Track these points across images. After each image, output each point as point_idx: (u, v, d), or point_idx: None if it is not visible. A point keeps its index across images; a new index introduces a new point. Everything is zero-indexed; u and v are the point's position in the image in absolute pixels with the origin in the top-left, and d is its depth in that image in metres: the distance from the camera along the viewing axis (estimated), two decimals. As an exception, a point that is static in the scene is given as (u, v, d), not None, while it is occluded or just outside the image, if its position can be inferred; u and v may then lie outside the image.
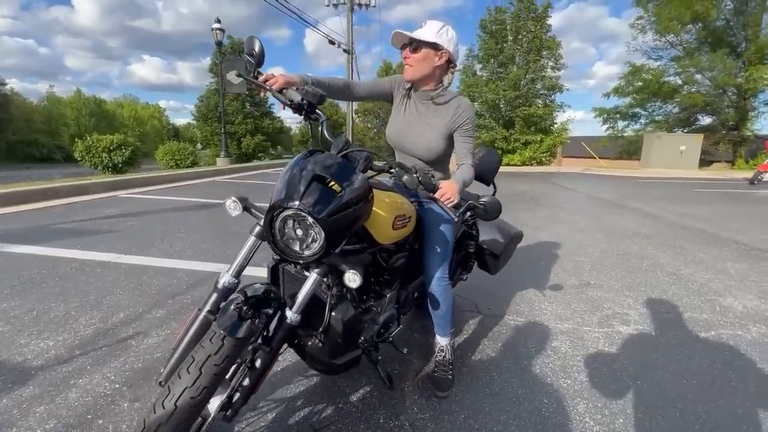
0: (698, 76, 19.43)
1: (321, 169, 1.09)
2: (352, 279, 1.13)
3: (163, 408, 0.86)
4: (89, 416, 1.40)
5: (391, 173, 1.24)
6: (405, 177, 1.20)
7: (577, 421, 1.45)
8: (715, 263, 3.41)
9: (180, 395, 0.87)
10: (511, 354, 1.91)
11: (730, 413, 1.50)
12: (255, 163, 16.37)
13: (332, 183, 1.08)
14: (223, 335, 0.94)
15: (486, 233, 2.12)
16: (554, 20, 19.53)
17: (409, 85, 1.57)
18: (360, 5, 18.82)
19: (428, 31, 1.41)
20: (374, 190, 1.30)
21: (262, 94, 1.37)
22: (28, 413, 1.40)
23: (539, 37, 17.93)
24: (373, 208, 1.25)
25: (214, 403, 1.07)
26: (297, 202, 1.04)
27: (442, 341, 1.73)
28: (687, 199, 7.70)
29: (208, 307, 1.15)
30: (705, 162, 18.91)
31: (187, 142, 14.56)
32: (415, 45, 1.43)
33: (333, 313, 1.25)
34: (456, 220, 1.31)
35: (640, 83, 20.81)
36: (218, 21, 11.83)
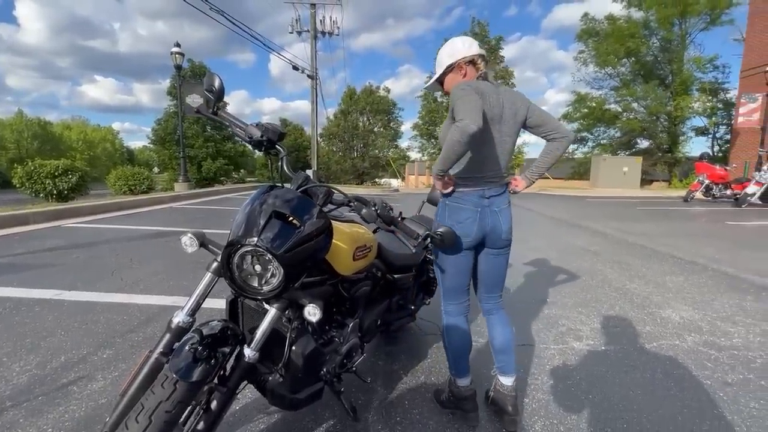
0: (635, 105, 21.49)
1: (280, 205, 1.11)
2: (313, 313, 1.14)
3: (108, 462, 0.81)
4: (21, 476, 1.27)
5: (350, 207, 1.28)
6: (364, 210, 1.25)
7: (535, 440, 1.50)
8: (656, 277, 3.70)
9: (127, 447, 0.83)
10: (473, 376, 1.94)
11: (670, 421, 1.62)
12: (216, 187, 15.88)
13: (291, 218, 1.10)
14: (176, 379, 0.91)
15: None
16: (508, 51, 21.12)
17: None
18: (323, 33, 19.30)
19: (437, 68, 1.56)
20: (335, 223, 1.33)
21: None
22: (-54, 479, 1.25)
23: (492, 67, 19.19)
24: (334, 240, 1.28)
25: (165, 451, 1.01)
26: (255, 239, 1.05)
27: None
28: (631, 217, 8.33)
29: (160, 349, 1.10)
30: (646, 181, 20.65)
31: (142, 166, 13.92)
32: (441, 84, 1.59)
33: (293, 347, 1.24)
34: (414, 250, 1.37)
35: (585, 110, 22.68)
36: (178, 45, 11.66)
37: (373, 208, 1.25)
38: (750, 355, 2.19)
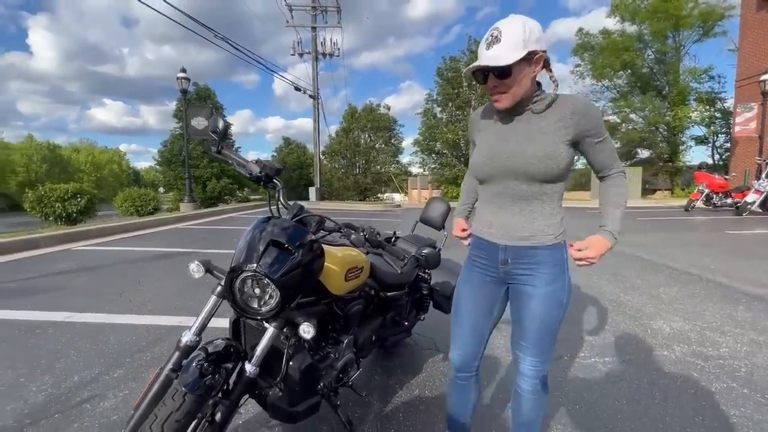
0: (633, 116, 21.73)
1: (277, 234, 1.24)
2: (307, 330, 1.25)
3: (125, 466, 0.93)
4: (41, 489, 1.37)
5: (341, 233, 1.41)
6: (353, 236, 1.38)
7: (521, 449, 1.58)
8: (650, 289, 3.77)
9: (142, 453, 0.94)
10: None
11: (652, 429, 1.69)
12: (220, 207, 16.12)
13: (287, 245, 1.23)
14: (185, 392, 1.03)
15: (437, 275, 2.31)
16: (503, 68, 21.49)
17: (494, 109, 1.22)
18: (324, 55, 19.85)
19: (512, 44, 1.03)
20: (327, 247, 1.46)
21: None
22: (-27, 492, 1.36)
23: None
24: (326, 263, 1.41)
25: (174, 460, 1.12)
26: (255, 265, 1.18)
27: None
28: (630, 228, 8.38)
29: (170, 365, 1.22)
30: (649, 191, 20.71)
31: (148, 187, 14.23)
32: (504, 69, 1.06)
33: (291, 363, 1.35)
34: (400, 272, 1.48)
35: (584, 122, 22.91)
36: (184, 70, 12.07)
37: (362, 234, 1.38)
38: (735, 364, 2.26)
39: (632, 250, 5.74)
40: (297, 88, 18.06)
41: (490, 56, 1.05)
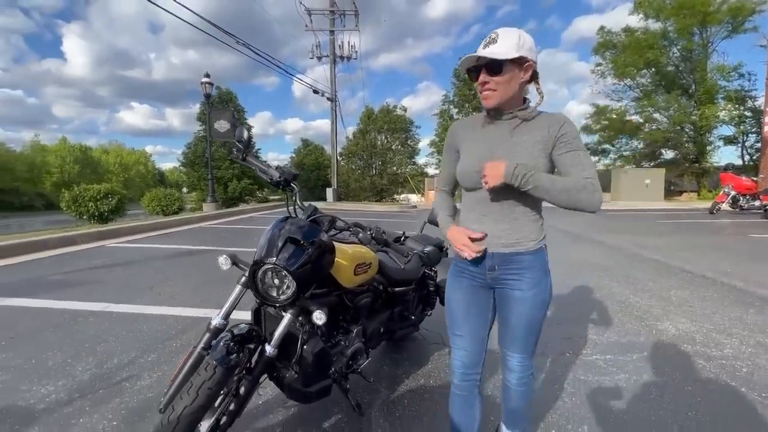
0: (656, 115, 21.14)
1: (294, 231, 1.42)
2: (319, 317, 1.42)
3: (168, 421, 1.12)
4: (91, 450, 1.58)
5: (350, 231, 1.57)
6: (360, 234, 1.54)
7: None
8: (661, 291, 3.78)
9: (182, 411, 1.13)
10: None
11: (645, 421, 1.78)
12: (240, 207, 16.62)
13: (302, 242, 1.40)
14: (215, 365, 1.21)
15: (444, 273, 2.44)
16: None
17: (483, 113, 1.30)
18: (342, 57, 20.16)
19: (507, 46, 1.14)
20: (338, 244, 1.62)
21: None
22: (35, 451, 1.58)
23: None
24: (337, 259, 1.57)
25: (204, 426, 1.30)
26: (274, 258, 1.35)
27: None
28: (649, 230, 8.25)
29: (201, 345, 1.41)
30: (675, 192, 20.11)
31: (172, 187, 14.83)
32: (496, 65, 1.16)
33: (305, 347, 1.52)
34: (403, 267, 1.63)
35: (605, 122, 22.46)
36: (207, 75, 12.56)
37: (369, 233, 1.54)
38: (737, 364, 2.30)
39: (648, 252, 5.70)
40: (315, 91, 18.42)
41: (486, 52, 1.16)
